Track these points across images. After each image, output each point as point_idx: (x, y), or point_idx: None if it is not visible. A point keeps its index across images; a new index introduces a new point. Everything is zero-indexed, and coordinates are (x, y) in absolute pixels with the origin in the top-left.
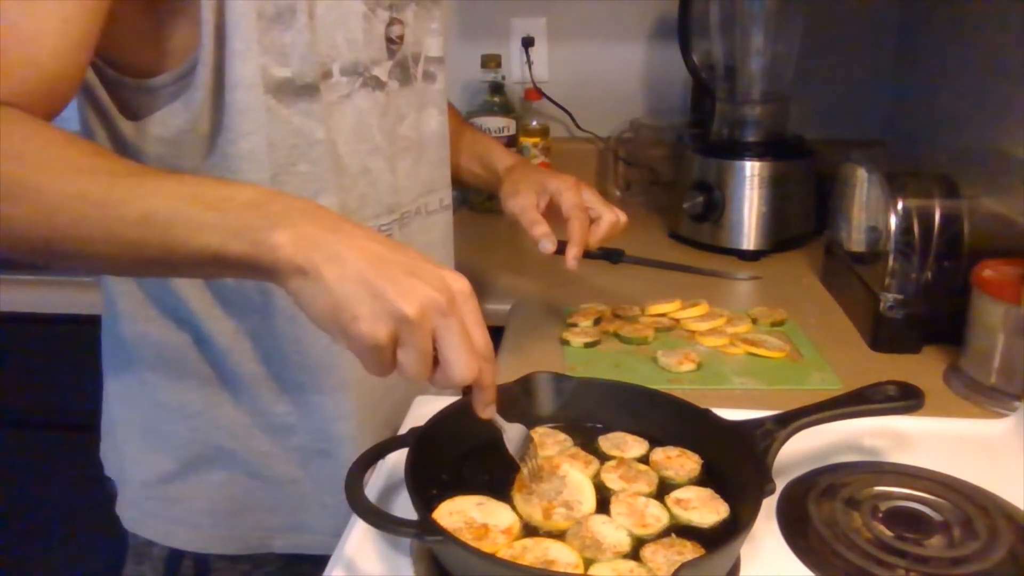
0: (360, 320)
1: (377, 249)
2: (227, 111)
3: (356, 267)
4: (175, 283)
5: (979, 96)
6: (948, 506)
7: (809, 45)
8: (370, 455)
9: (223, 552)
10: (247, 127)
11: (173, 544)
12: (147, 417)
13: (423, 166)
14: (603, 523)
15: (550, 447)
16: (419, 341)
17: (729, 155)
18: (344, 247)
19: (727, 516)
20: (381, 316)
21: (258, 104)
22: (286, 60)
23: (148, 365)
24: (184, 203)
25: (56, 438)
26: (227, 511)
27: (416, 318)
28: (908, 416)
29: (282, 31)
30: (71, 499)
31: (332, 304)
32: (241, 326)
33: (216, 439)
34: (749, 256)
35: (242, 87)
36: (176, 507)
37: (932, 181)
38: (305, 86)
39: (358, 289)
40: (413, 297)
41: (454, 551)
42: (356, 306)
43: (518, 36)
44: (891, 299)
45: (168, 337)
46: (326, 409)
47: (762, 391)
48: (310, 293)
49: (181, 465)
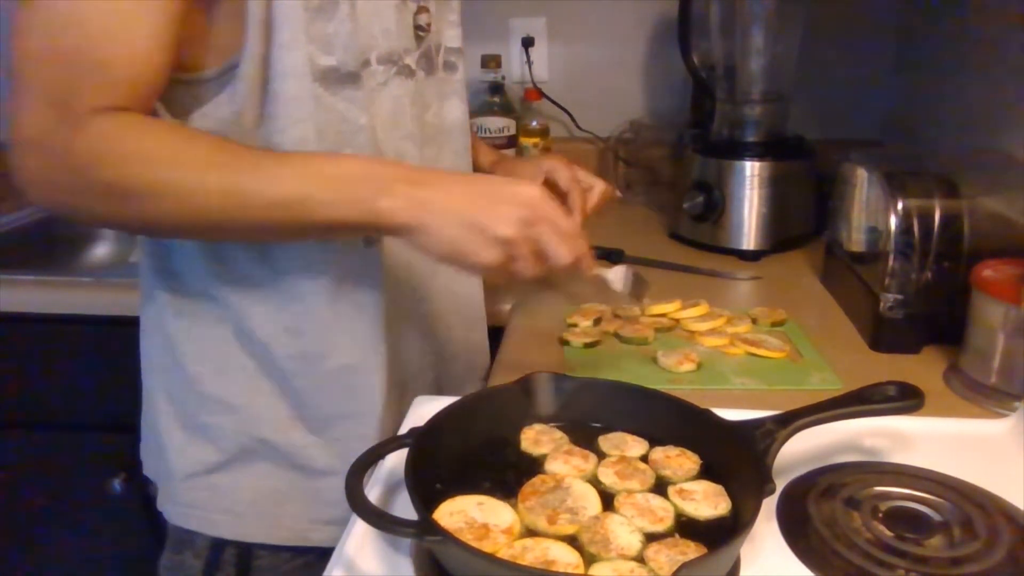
0: (474, 254)
1: (465, 189)
2: (275, 101)
3: (453, 211)
4: (216, 276)
5: (979, 96)
6: (948, 506)
7: (809, 45)
8: (370, 455)
9: (265, 541)
10: (297, 115)
11: (218, 534)
12: (191, 410)
13: (446, 154)
14: (620, 523)
15: (545, 444)
16: (525, 251)
17: (729, 155)
18: (438, 196)
19: (725, 513)
20: (488, 245)
21: (307, 92)
22: (331, 49)
23: (192, 359)
24: (309, 185)
25: (56, 438)
26: (270, 502)
27: (515, 237)
28: (908, 416)
29: (326, 22)
30: (72, 499)
31: (448, 249)
32: (281, 318)
33: (259, 431)
34: (749, 256)
35: (292, 77)
36: (220, 497)
37: (932, 181)
38: (348, 74)
39: (462, 231)
40: (506, 220)
41: (454, 551)
42: (467, 245)
43: (518, 36)
44: (891, 299)
45: (210, 331)
46: (367, 392)
47: (762, 391)
48: (427, 242)
49: (226, 457)
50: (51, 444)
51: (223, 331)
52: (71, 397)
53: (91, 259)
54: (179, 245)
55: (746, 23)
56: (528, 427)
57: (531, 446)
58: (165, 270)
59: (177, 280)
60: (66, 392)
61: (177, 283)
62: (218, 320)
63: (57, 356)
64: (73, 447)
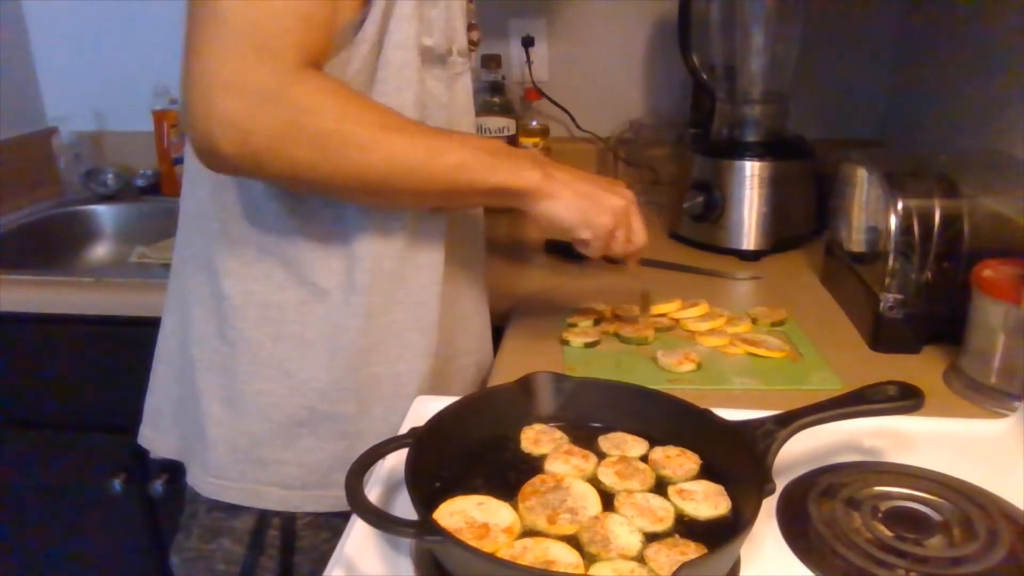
0: (601, 216)
1: (585, 176)
2: (386, 67)
3: (580, 189)
4: (290, 235)
5: (979, 96)
6: (948, 506)
7: (809, 45)
8: (370, 455)
9: (313, 510)
10: (403, 82)
11: (264, 506)
12: (241, 379)
13: None
14: (619, 523)
15: (545, 444)
16: (624, 224)
17: (729, 155)
18: (569, 178)
19: (725, 513)
20: (607, 212)
21: (413, 63)
22: (431, 31)
23: (252, 324)
24: (477, 153)
25: (56, 438)
26: (317, 472)
27: (623, 211)
28: (908, 416)
29: (431, 7)
30: (72, 499)
31: (578, 210)
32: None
33: (309, 400)
34: (749, 256)
35: (404, 47)
36: (268, 470)
37: (932, 181)
38: (439, 56)
39: (590, 203)
40: (617, 201)
41: (454, 551)
42: (594, 210)
43: (518, 36)
44: (891, 299)
45: (272, 296)
46: (412, 349)
47: (762, 391)
48: (557, 207)
49: (275, 426)
50: (51, 444)
51: (285, 297)
52: (71, 397)
53: (91, 259)
54: (251, 206)
55: (746, 23)
56: (528, 427)
57: (531, 446)
58: (229, 236)
59: (242, 244)
60: (66, 392)
61: (242, 247)
62: (279, 286)
63: (57, 356)
64: (73, 447)
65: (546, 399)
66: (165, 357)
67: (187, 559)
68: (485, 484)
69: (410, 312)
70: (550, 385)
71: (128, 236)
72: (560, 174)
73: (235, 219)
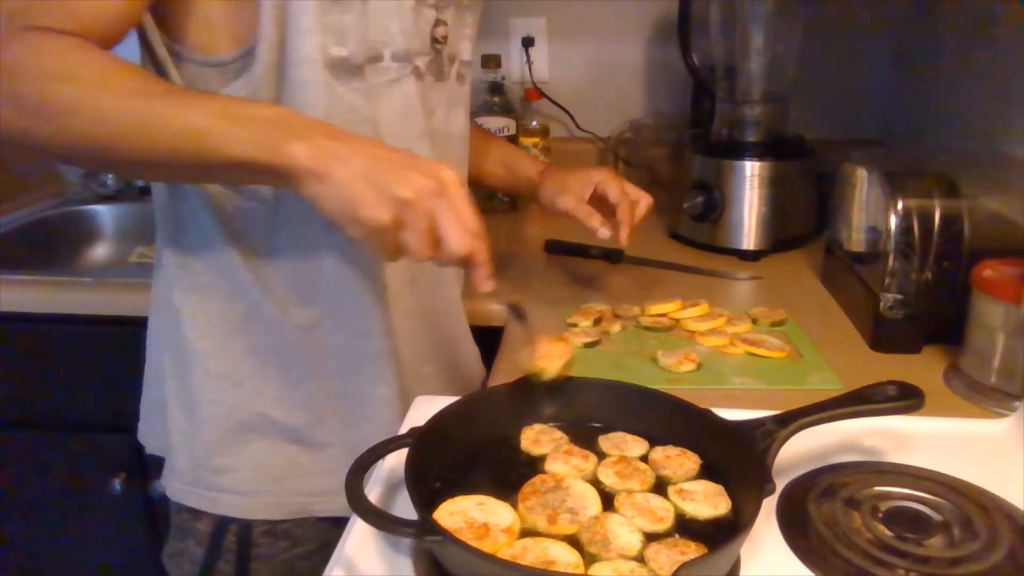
0: (367, 206)
1: (379, 152)
2: (289, 86)
3: (361, 165)
4: (229, 253)
5: (979, 96)
6: (948, 506)
7: (809, 45)
8: (370, 455)
9: (268, 517)
10: (309, 101)
11: (220, 511)
12: (196, 387)
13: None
14: (620, 523)
15: (545, 444)
16: (418, 220)
17: (729, 155)
18: (350, 151)
19: (725, 513)
20: (384, 201)
21: (319, 79)
22: (344, 40)
23: (200, 334)
24: (216, 119)
25: (56, 438)
26: (270, 478)
27: (414, 200)
28: (908, 416)
29: (341, 13)
30: (72, 499)
31: (343, 198)
32: (295, 287)
33: (260, 407)
34: (749, 256)
35: (306, 63)
36: (222, 477)
37: (932, 181)
38: (357, 66)
39: (364, 184)
40: (410, 184)
41: (454, 551)
42: (363, 196)
43: (518, 36)
44: (891, 299)
45: (219, 307)
46: (368, 375)
47: (762, 391)
48: (324, 192)
49: (226, 433)
50: (51, 444)
51: (231, 307)
52: (71, 397)
53: (91, 259)
54: (195, 217)
55: (746, 23)
56: (528, 427)
57: (531, 446)
58: (178, 244)
59: (189, 255)
60: (66, 392)
61: (189, 258)
62: (227, 297)
63: (57, 356)
64: (73, 447)
65: (546, 399)
66: (150, 355)
67: (168, 555)
68: (485, 484)
69: (353, 339)
70: (551, 385)
71: (128, 236)
72: (342, 148)
73: (180, 230)
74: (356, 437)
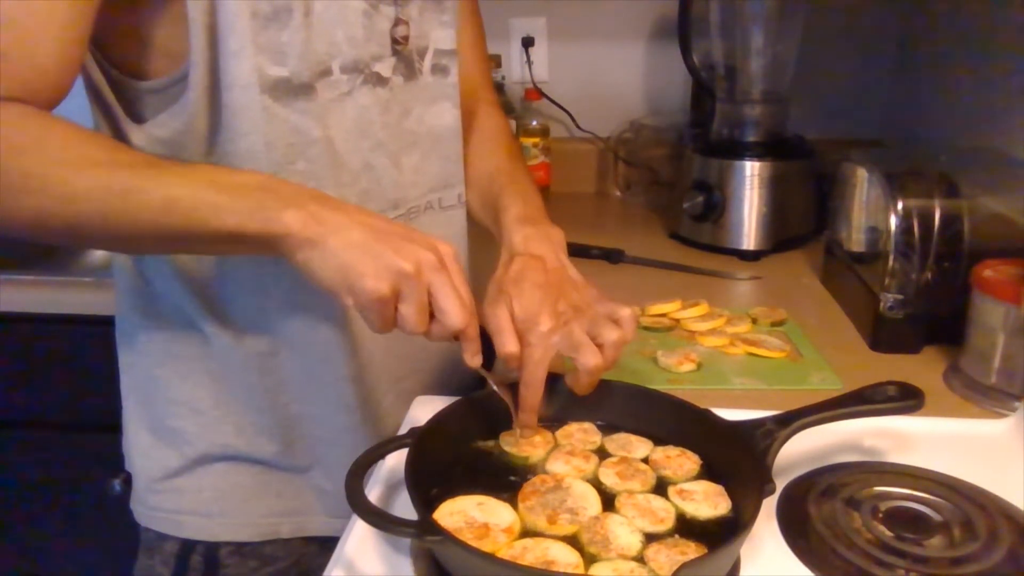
0: (366, 277)
1: (375, 223)
2: (223, 111)
3: (359, 235)
4: (180, 282)
5: (979, 96)
6: (948, 506)
7: (809, 45)
8: (370, 455)
9: (233, 539)
10: (244, 127)
11: (184, 535)
12: (157, 413)
13: (434, 161)
14: (620, 524)
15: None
16: (417, 293)
17: (729, 155)
18: (346, 221)
19: (725, 513)
20: (383, 273)
21: (254, 104)
22: (283, 59)
23: (158, 362)
24: (202, 189)
25: (56, 438)
26: (235, 499)
27: (413, 272)
28: (908, 416)
29: (278, 30)
30: (72, 499)
31: (340, 266)
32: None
33: (223, 436)
34: (749, 256)
35: (238, 87)
36: (185, 499)
37: (932, 181)
38: (302, 85)
39: (362, 253)
40: (410, 256)
41: (454, 551)
42: (361, 266)
43: (518, 36)
44: (891, 299)
45: (176, 335)
46: (331, 400)
47: (762, 391)
48: (319, 260)
49: (188, 461)
50: (51, 444)
51: (190, 335)
52: (71, 397)
53: (91, 259)
54: None
55: (746, 23)
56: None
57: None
58: (134, 271)
59: (145, 282)
60: (66, 392)
61: (145, 285)
62: (186, 324)
63: (57, 356)
64: (73, 447)
65: (546, 399)
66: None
67: (139, 571)
68: (485, 484)
69: (313, 364)
70: (550, 385)
71: None
72: (337, 217)
73: (133, 259)
74: (326, 460)
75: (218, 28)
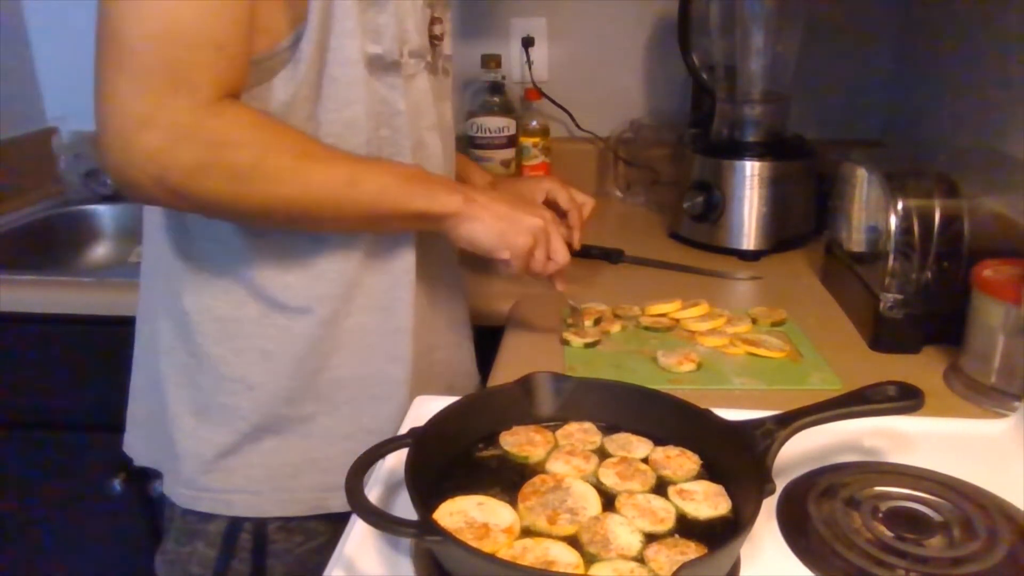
0: (519, 235)
1: (504, 196)
2: (331, 84)
3: (499, 211)
4: (249, 251)
5: (979, 96)
6: (948, 506)
7: (809, 45)
8: (370, 455)
9: (282, 514)
10: (350, 98)
11: (233, 513)
12: (207, 393)
13: (450, 150)
14: (620, 524)
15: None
16: (544, 243)
17: (729, 155)
18: (488, 200)
19: (725, 513)
20: (526, 232)
21: (360, 78)
22: (379, 39)
23: (213, 340)
24: (400, 179)
25: (56, 438)
26: (284, 475)
27: (541, 230)
28: (908, 416)
29: (377, 13)
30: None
31: (500, 232)
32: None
33: (274, 407)
34: (749, 256)
35: (349, 63)
36: (235, 477)
37: (932, 181)
38: (392, 63)
39: (506, 223)
40: (537, 221)
41: (454, 551)
42: (509, 229)
43: (518, 36)
44: (891, 299)
45: (231, 312)
46: (380, 352)
47: (762, 391)
48: (482, 230)
49: (240, 436)
50: (51, 444)
51: (243, 312)
52: (71, 397)
53: (91, 259)
54: (204, 223)
55: (746, 23)
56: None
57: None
58: (186, 253)
59: (200, 262)
60: (66, 392)
61: (200, 264)
62: (239, 302)
63: (57, 356)
64: (73, 447)
65: (546, 399)
66: (141, 365)
67: (166, 561)
68: (485, 484)
69: (373, 316)
70: (550, 385)
71: (128, 236)
72: (480, 197)
73: (190, 237)
74: (371, 424)
75: (332, 9)
